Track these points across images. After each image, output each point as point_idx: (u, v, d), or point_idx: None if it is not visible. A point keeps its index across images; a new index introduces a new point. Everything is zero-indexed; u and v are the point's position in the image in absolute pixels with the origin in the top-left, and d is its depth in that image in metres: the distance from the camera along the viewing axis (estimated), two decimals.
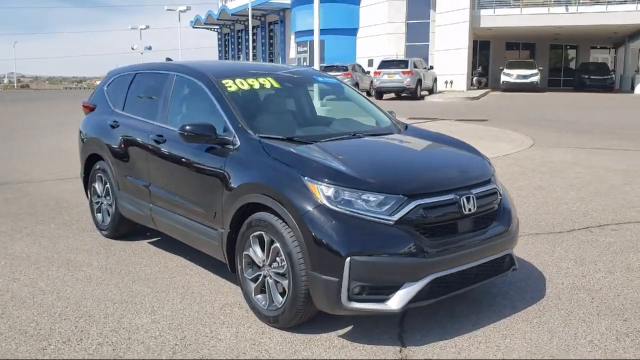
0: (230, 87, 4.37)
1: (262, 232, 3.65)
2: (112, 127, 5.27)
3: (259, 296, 3.78)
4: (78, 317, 3.83)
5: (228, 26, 65.02)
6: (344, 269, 3.23)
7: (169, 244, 5.37)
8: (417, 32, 35.28)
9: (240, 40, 64.24)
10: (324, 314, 3.55)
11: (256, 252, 3.74)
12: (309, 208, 3.36)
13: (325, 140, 4.02)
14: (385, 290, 3.31)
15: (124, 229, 5.47)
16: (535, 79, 31.01)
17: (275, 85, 4.64)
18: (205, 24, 63.54)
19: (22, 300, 4.11)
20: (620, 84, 36.15)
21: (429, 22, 34.90)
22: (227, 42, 69.41)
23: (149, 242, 5.47)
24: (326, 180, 3.41)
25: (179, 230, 4.49)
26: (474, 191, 3.66)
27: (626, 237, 5.53)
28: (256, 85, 4.52)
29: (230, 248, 3.97)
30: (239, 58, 64.52)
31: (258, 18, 53.66)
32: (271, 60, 54.17)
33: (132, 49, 70.59)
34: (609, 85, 34.37)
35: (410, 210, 3.35)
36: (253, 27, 59.11)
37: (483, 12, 31.45)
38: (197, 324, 3.74)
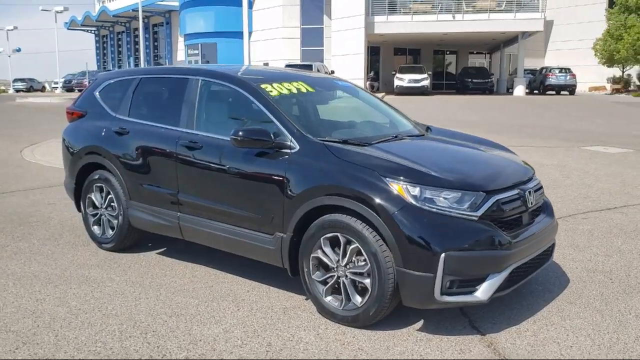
0: (271, 92, 4.36)
1: (338, 234, 3.70)
2: (119, 133, 5.01)
3: (330, 298, 3.82)
4: (143, 333, 3.66)
5: (107, 28, 62.21)
6: (438, 264, 3.38)
7: (178, 253, 5.21)
8: (312, 37, 35.93)
9: (120, 43, 61.71)
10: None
11: (327, 254, 3.78)
12: (398, 207, 3.47)
13: (376, 142, 4.14)
14: (473, 283, 3.51)
15: (130, 240, 5.21)
16: (426, 82, 32.82)
17: (310, 89, 4.68)
18: (82, 25, 60.29)
19: (66, 321, 3.83)
20: (497, 86, 39.11)
21: (322, 27, 35.66)
22: (105, 45, 66.37)
23: (158, 253, 5.26)
24: (409, 180, 3.54)
25: (219, 238, 4.39)
26: (530, 185, 3.97)
27: (600, 224, 6.14)
28: (294, 90, 4.54)
29: (292, 252, 3.97)
30: (119, 60, 61.97)
31: (142, 20, 51.79)
32: (157, 64, 52.56)
33: None
34: (490, 88, 37.08)
35: (491, 205, 3.57)
36: (135, 29, 57.06)
37: (377, 18, 32.70)
38: (273, 330, 3.71)
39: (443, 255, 3.38)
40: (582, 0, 43.50)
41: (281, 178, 3.94)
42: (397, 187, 3.52)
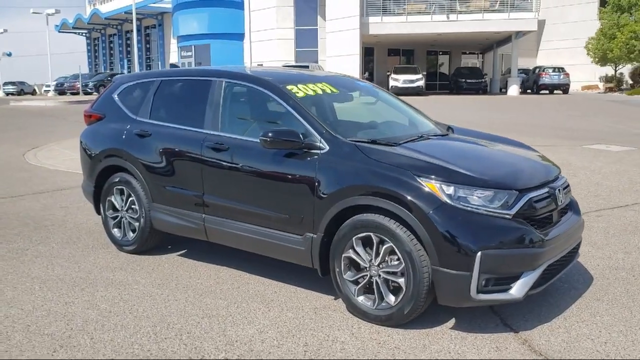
0: (297, 93, 4.38)
1: (371, 234, 3.72)
2: (141, 136, 5.01)
3: (362, 297, 3.85)
4: (178, 335, 3.66)
5: (98, 30, 61.97)
6: (475, 263, 3.41)
7: (200, 254, 5.22)
8: (306, 38, 35.98)
9: (112, 45, 61.50)
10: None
11: (359, 254, 3.81)
12: (434, 207, 3.50)
13: (404, 142, 4.16)
14: (508, 280, 3.54)
15: (151, 243, 5.22)
16: (421, 83, 32.93)
17: (333, 90, 4.71)
18: (73, 27, 60.00)
19: (99, 323, 3.83)
20: (491, 86, 39.31)
21: (317, 28, 35.73)
22: (96, 47, 66.10)
23: (179, 255, 5.26)
24: (443, 179, 3.57)
25: (246, 239, 4.41)
26: (558, 184, 4.01)
27: (614, 222, 6.20)
28: (318, 91, 4.56)
29: (323, 252, 3.99)
30: (111, 63, 61.74)
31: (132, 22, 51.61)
32: (149, 67, 52.40)
33: None
34: (483, 88, 37.27)
35: (524, 203, 3.61)
36: (127, 32, 56.90)
37: (371, 19, 32.79)
38: (307, 330, 3.73)
39: (479, 253, 3.41)
40: (573, 0, 43.81)
41: (311, 179, 3.96)
42: (431, 186, 3.55)
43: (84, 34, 66.00)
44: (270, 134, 4.00)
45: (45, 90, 55.93)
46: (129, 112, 5.27)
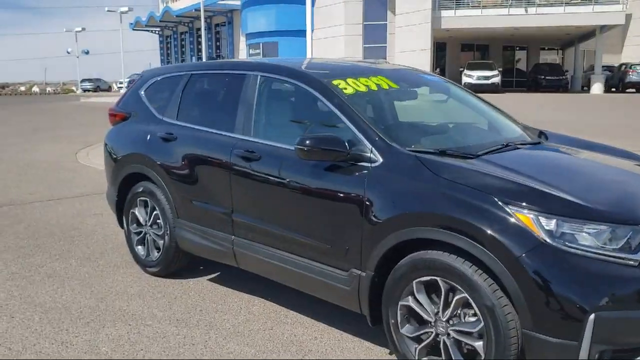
0: (345, 89, 3.48)
1: (438, 278, 2.78)
2: (166, 140, 4.25)
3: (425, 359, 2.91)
4: None
5: (170, 28, 63.00)
6: (585, 329, 2.41)
7: (234, 280, 4.41)
8: (375, 33, 34.81)
9: (184, 43, 62.39)
10: None
11: (422, 303, 2.87)
12: (527, 247, 2.52)
13: (484, 153, 3.19)
14: (631, 354, 2.52)
15: (178, 264, 4.45)
16: (497, 79, 31.02)
17: (392, 85, 3.78)
18: (146, 25, 61.26)
19: None
20: (571, 84, 36.91)
21: (386, 23, 34.50)
22: (169, 45, 67.33)
23: (210, 280, 4.48)
24: (541, 208, 2.58)
25: (281, 271, 3.55)
26: None
27: None
28: (372, 86, 3.64)
29: (373, 296, 3.08)
30: (182, 61, 62.67)
31: (204, 19, 52.05)
32: None
33: (68, 52, 67.57)
34: (564, 85, 34.96)
35: None
36: (198, 29, 57.49)
37: (444, 13, 31.25)
38: None
39: (592, 316, 2.41)
40: None
41: (359, 198, 3.05)
42: (524, 218, 2.57)
43: (156, 32, 67.32)
44: (307, 142, 3.13)
45: (118, 87, 57.49)
46: (156, 112, 4.53)
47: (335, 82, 3.52)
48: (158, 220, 4.44)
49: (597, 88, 33.00)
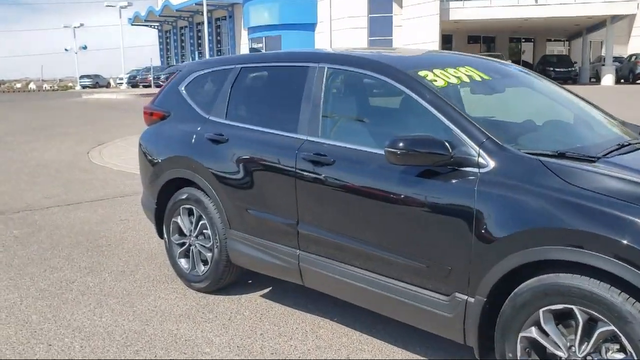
0: (434, 81, 3.02)
1: (573, 307, 2.33)
2: (216, 141, 3.79)
3: None
4: None
5: (170, 23, 62.36)
6: None
7: (289, 296, 3.97)
8: (380, 26, 34.25)
9: (183, 38, 61.78)
10: None
11: (551, 336, 2.42)
12: None
13: (605, 154, 2.74)
14: None
15: (228, 279, 4.00)
16: None
17: (484, 77, 3.31)
18: (145, 20, 60.61)
19: None
20: (580, 76, 36.41)
21: (391, 15, 33.96)
22: (168, 40, 66.71)
23: (262, 296, 4.02)
24: None
25: (360, 292, 3.10)
26: None
27: None
28: (464, 78, 3.18)
29: (483, 325, 2.63)
30: (182, 56, 62.10)
31: (206, 12, 51.41)
32: None
33: (66, 50, 66.91)
34: (573, 77, 34.48)
35: None
36: (198, 24, 56.89)
37: (452, 4, 30.68)
38: None
39: None
40: None
41: (467, 211, 2.60)
42: None
43: (155, 27, 66.65)
44: (401, 144, 2.67)
45: (118, 83, 56.85)
46: (200, 110, 4.06)
47: (421, 72, 3.06)
48: (205, 231, 3.98)
49: (608, 79, 32.50)
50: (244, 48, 46.60)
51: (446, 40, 37.36)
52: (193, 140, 3.94)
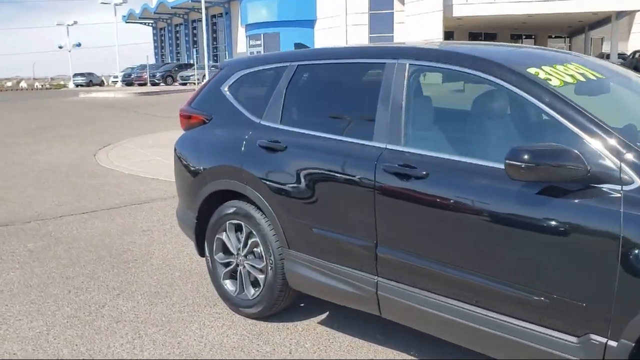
0: (549, 80, 2.57)
1: None
2: (271, 149, 3.32)
3: None
4: None
5: (164, 20, 61.81)
6: None
7: (350, 323, 3.51)
8: (381, 23, 33.83)
9: (178, 35, 61.23)
10: None
11: None
12: None
13: None
14: None
15: (283, 304, 3.54)
16: None
17: (597, 75, 2.87)
18: (140, 18, 59.97)
19: None
20: None
21: (392, 12, 33.53)
22: (162, 38, 66.11)
23: (319, 323, 3.57)
24: None
25: (456, 327, 2.65)
26: None
27: None
28: (579, 76, 2.73)
29: None
30: (178, 54, 61.53)
31: (199, 11, 50.78)
32: (215, 57, 51.52)
33: (60, 47, 66.13)
34: None
35: None
36: (194, 21, 56.33)
37: (456, 0, 30.31)
38: None
39: None
40: None
41: (611, 237, 2.15)
42: None
43: (150, 24, 66.03)
44: (526, 156, 2.22)
45: (112, 82, 56.09)
46: (249, 114, 3.59)
47: (530, 70, 2.61)
48: (256, 249, 3.52)
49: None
50: (241, 46, 46.12)
51: (447, 38, 36.95)
52: (243, 148, 3.48)
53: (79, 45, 65.09)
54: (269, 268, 3.42)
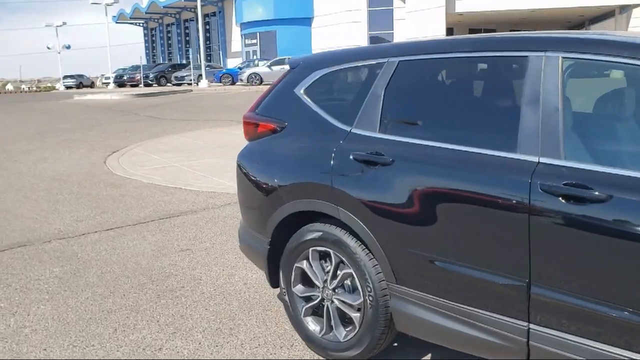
0: None
1: None
2: (371, 162, 2.75)
3: None
4: None
5: (155, 20, 61.00)
6: None
7: None
8: (380, 19, 33.26)
9: (170, 35, 60.46)
10: None
11: None
12: None
13: None
14: None
15: (382, 347, 2.96)
16: None
17: None
18: (131, 18, 59.09)
19: None
20: None
21: (392, 8, 32.98)
22: (154, 38, 65.29)
23: None
24: None
25: None
26: None
27: None
28: None
29: None
30: (169, 54, 60.73)
31: (192, 10, 50.03)
32: (209, 57, 50.78)
33: (48, 48, 65.14)
34: None
35: None
36: (186, 21, 55.59)
37: None
38: None
39: None
40: None
41: None
42: None
43: (141, 24, 65.16)
44: None
45: (103, 83, 55.18)
46: (335, 121, 3.01)
47: None
48: (348, 282, 2.95)
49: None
50: (235, 45, 45.49)
51: (447, 34, 36.54)
52: (332, 162, 2.90)
53: (68, 47, 64.15)
54: (369, 305, 2.84)
